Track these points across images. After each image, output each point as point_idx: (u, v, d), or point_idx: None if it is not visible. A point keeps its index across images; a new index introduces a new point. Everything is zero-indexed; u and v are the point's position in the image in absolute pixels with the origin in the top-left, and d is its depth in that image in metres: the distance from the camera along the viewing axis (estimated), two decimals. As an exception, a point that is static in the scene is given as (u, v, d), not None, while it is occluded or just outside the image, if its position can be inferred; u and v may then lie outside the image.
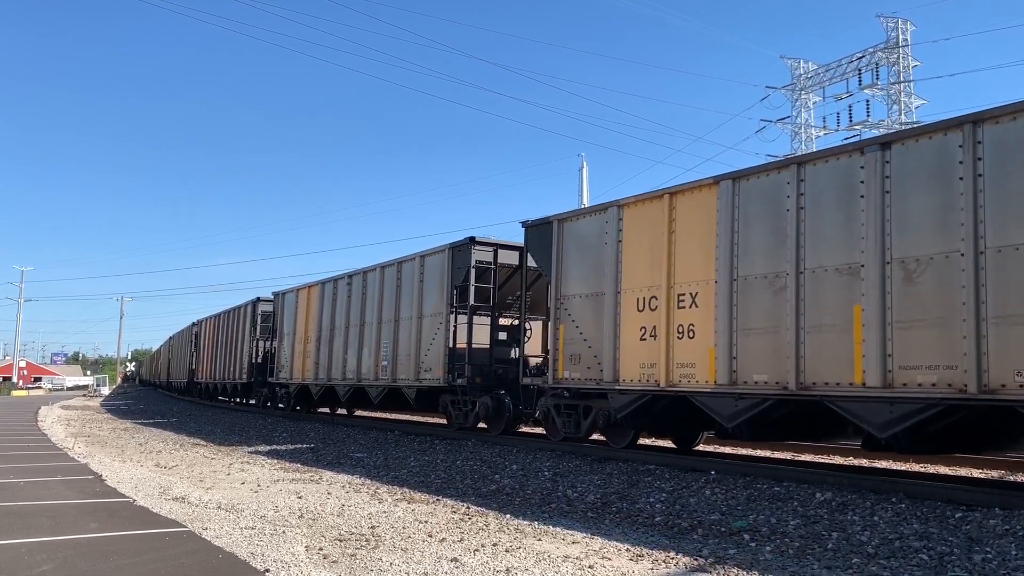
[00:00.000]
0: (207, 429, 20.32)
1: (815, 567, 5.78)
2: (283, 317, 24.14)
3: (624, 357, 11.23)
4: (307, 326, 22.01)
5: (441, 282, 15.78)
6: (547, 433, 13.35)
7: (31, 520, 7.17)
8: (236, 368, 29.65)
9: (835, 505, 7.74)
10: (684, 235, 10.68)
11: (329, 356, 20.30)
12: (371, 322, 18.34)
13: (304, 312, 22.40)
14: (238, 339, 29.68)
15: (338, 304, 20.23)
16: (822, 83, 47.47)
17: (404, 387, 16.84)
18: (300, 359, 22.19)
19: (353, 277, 19.74)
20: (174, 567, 5.50)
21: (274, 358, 25.01)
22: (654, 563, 5.88)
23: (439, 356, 15.55)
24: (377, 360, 17.82)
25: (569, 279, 12.51)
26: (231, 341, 30.69)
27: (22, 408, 33.39)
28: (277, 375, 24.08)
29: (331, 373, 20.11)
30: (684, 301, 10.49)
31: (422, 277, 16.49)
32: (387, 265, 18.16)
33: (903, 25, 43.40)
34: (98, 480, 10.10)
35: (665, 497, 8.63)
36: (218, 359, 33.16)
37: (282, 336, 24.01)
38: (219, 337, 33.39)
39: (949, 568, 5.67)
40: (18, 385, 69.35)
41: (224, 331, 32.37)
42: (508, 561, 5.80)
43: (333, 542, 6.44)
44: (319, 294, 21.50)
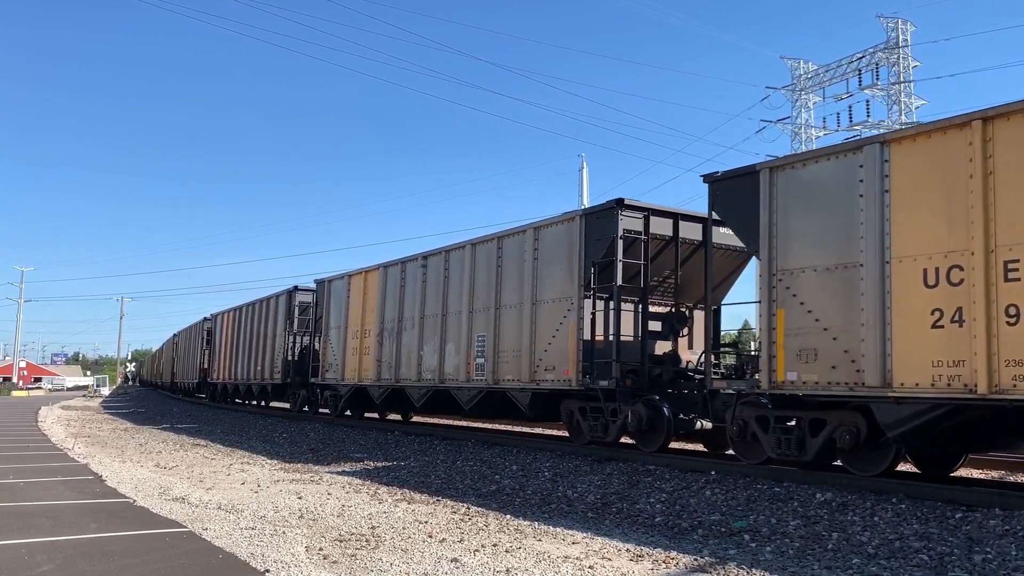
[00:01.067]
0: (207, 429, 20.32)
1: (815, 567, 5.78)
2: (329, 308, 20.73)
3: (902, 352, 8.12)
4: (364, 318, 18.77)
5: (569, 259, 12.47)
6: (737, 454, 10.25)
7: (31, 520, 7.17)
8: (265, 367, 26.09)
9: (835, 505, 7.74)
10: (1014, 176, 7.51)
11: (396, 353, 17.24)
12: (458, 311, 15.20)
13: (359, 301, 19.11)
14: (267, 334, 26.19)
15: (408, 290, 17.14)
16: (822, 83, 47.44)
17: (512, 391, 13.53)
18: (355, 356, 18.99)
19: (429, 258, 16.53)
20: (174, 567, 5.50)
21: (315, 356, 22.02)
22: (654, 563, 5.88)
23: (566, 352, 12.26)
24: (469, 357, 14.69)
25: (792, 247, 9.33)
26: (258, 337, 27.20)
27: (22, 408, 33.38)
28: (322, 375, 20.75)
29: (399, 373, 17.10)
30: (1018, 270, 7.42)
31: (536, 254, 13.21)
32: (480, 242, 14.96)
33: (903, 25, 43.39)
34: (98, 480, 10.10)
35: (665, 497, 8.63)
36: (240, 357, 29.41)
37: (327, 330, 20.64)
38: (241, 332, 29.63)
39: (949, 568, 5.67)
40: (18, 385, 69.34)
41: (248, 326, 28.68)
42: (508, 561, 5.80)
43: (333, 542, 6.44)
44: (380, 280, 18.17)
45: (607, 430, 11.83)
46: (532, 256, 13.36)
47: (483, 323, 14.44)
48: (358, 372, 18.85)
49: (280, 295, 25.69)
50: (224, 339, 32.46)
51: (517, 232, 14.00)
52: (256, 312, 27.87)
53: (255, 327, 27.82)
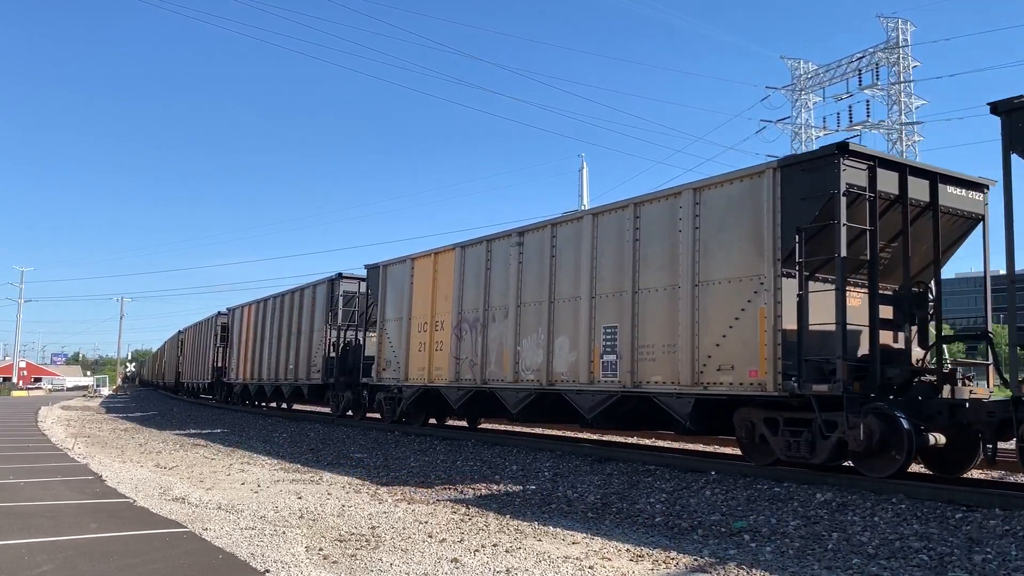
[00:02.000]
0: (207, 429, 20.32)
1: (815, 567, 5.78)
2: (384, 297, 18.14)
3: None
4: (434, 307, 16.21)
5: (754, 226, 9.71)
6: None
7: (31, 520, 7.17)
8: (300, 365, 23.10)
9: (835, 505, 7.74)
10: None
11: (482, 348, 14.55)
12: (572, 297, 12.46)
13: (426, 288, 16.58)
14: (302, 329, 23.28)
15: (496, 274, 14.50)
16: (822, 83, 47.48)
17: (661, 396, 10.73)
18: (422, 353, 16.46)
19: (527, 234, 13.83)
20: (174, 567, 5.50)
21: (357, 352, 20.07)
22: (654, 563, 5.88)
23: (753, 346, 9.49)
24: (592, 354, 11.91)
25: None
26: (290, 332, 24.22)
27: (22, 408, 33.38)
28: (378, 375, 18.08)
29: (487, 372, 14.42)
30: None
31: (698, 223, 10.45)
32: (603, 211, 12.13)
33: (903, 25, 43.41)
34: (98, 480, 10.10)
35: (665, 497, 8.64)
36: (266, 355, 26.31)
37: (383, 322, 18.08)
38: (267, 327, 26.58)
39: (949, 568, 5.67)
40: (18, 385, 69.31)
41: (276, 319, 25.62)
42: (508, 562, 5.80)
43: (333, 542, 6.44)
44: (457, 262, 15.55)
45: (813, 449, 9.10)
46: (691, 225, 10.51)
47: (612, 311, 11.63)
48: (427, 371, 16.10)
49: (318, 284, 22.56)
50: (245, 335, 28.91)
51: (664, 196, 11.10)
52: (287, 304, 24.72)
53: (285, 321, 24.59)
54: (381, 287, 18.29)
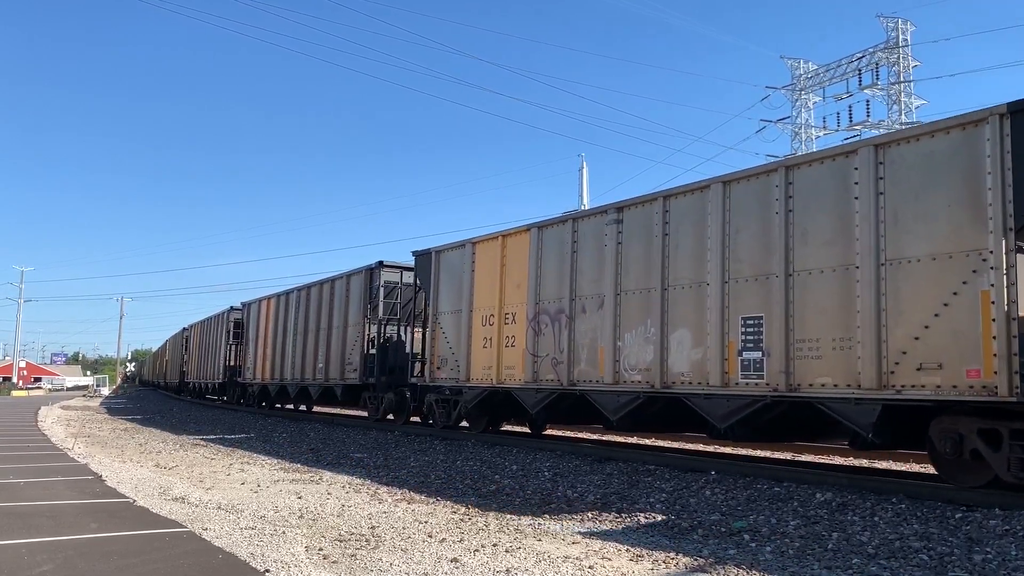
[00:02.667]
0: (207, 429, 20.32)
1: (815, 567, 5.78)
2: (438, 287, 15.98)
3: None
4: (502, 297, 14.20)
5: (970, 189, 7.88)
6: None
7: (31, 520, 7.16)
8: (331, 364, 20.61)
9: (835, 505, 7.74)
10: None
11: (569, 343, 12.40)
12: (695, 283, 10.47)
13: (492, 275, 14.47)
14: (334, 323, 20.84)
15: (586, 257, 12.38)
16: (822, 83, 47.53)
17: (831, 402, 8.81)
18: (488, 350, 14.29)
19: (627, 210, 11.74)
20: (174, 567, 5.50)
21: (398, 349, 18.48)
22: (654, 563, 5.88)
23: (973, 338, 7.66)
24: (726, 350, 9.92)
25: None
26: (320, 327, 21.65)
27: (22, 408, 33.38)
28: (430, 374, 16.06)
29: (575, 372, 12.30)
30: None
31: (882, 187, 8.59)
32: (738, 178, 10.18)
33: (903, 25, 43.45)
34: (98, 480, 10.10)
35: (665, 497, 8.64)
36: (289, 352, 23.86)
37: (437, 315, 15.86)
38: (290, 323, 23.83)
39: (949, 568, 5.67)
40: (18, 385, 69.38)
41: (303, 313, 22.95)
42: (508, 561, 5.80)
43: (333, 542, 6.44)
44: (534, 245, 13.43)
45: None
46: (872, 190, 8.60)
47: (754, 298, 9.75)
48: (495, 370, 14.02)
49: (353, 275, 20.22)
50: (263, 331, 26.41)
51: (828, 156, 9.31)
52: (314, 297, 22.35)
53: (313, 316, 22.23)
54: (433, 276, 16.04)
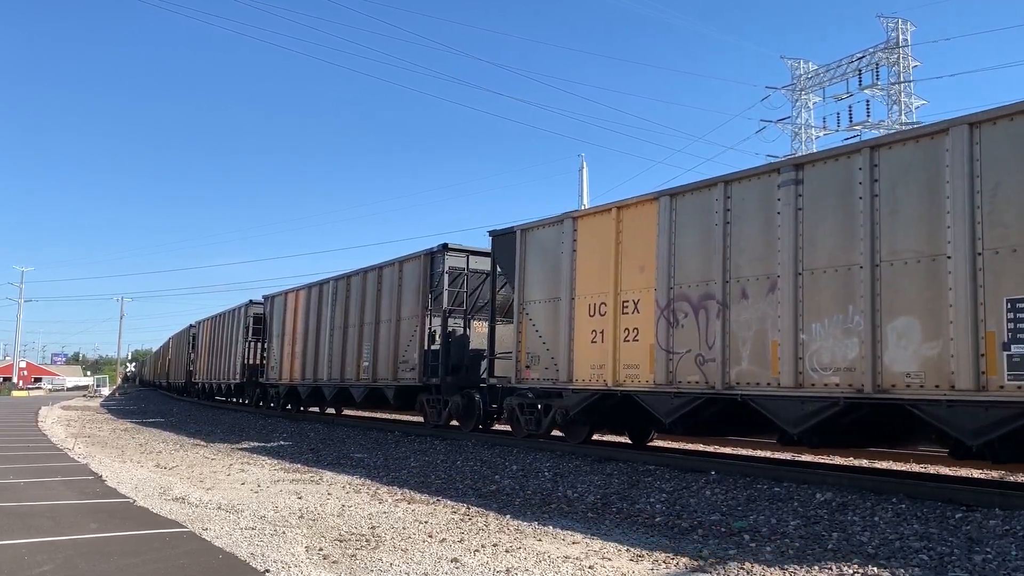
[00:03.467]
0: (207, 430, 20.32)
1: (815, 567, 5.77)
2: (523, 271, 13.67)
3: None
4: (619, 281, 11.77)
5: None
6: None
7: (31, 520, 7.17)
8: (382, 361, 17.98)
9: (835, 505, 7.74)
10: None
11: (722, 338, 10.15)
12: (926, 256, 8.21)
13: (604, 255, 12.02)
14: (382, 316, 18.39)
15: (744, 229, 10.10)
16: (822, 83, 47.50)
17: None
18: (600, 344, 11.93)
19: (808, 167, 9.46)
20: (174, 567, 5.50)
21: (461, 344, 16.19)
22: (654, 563, 5.88)
23: None
24: (985, 344, 7.70)
25: None
26: (364, 320, 19.18)
27: (22, 408, 33.39)
28: (518, 375, 13.45)
29: (732, 374, 10.02)
30: None
31: None
32: (990, 118, 7.83)
33: (903, 25, 43.43)
34: (98, 480, 10.10)
35: (665, 497, 8.64)
36: (324, 349, 21.14)
37: (524, 304, 13.54)
38: (326, 316, 21.28)
39: (949, 568, 5.67)
40: (18, 385, 69.38)
41: (343, 305, 20.38)
42: (508, 561, 5.80)
43: (333, 542, 6.44)
44: (664, 217, 11.12)
45: None
46: None
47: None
48: (610, 369, 11.46)
49: (407, 260, 17.58)
50: (291, 327, 23.81)
51: None
52: (357, 288, 19.77)
53: (356, 308, 19.69)
54: (519, 259, 13.62)
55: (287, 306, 24.39)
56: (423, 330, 16.46)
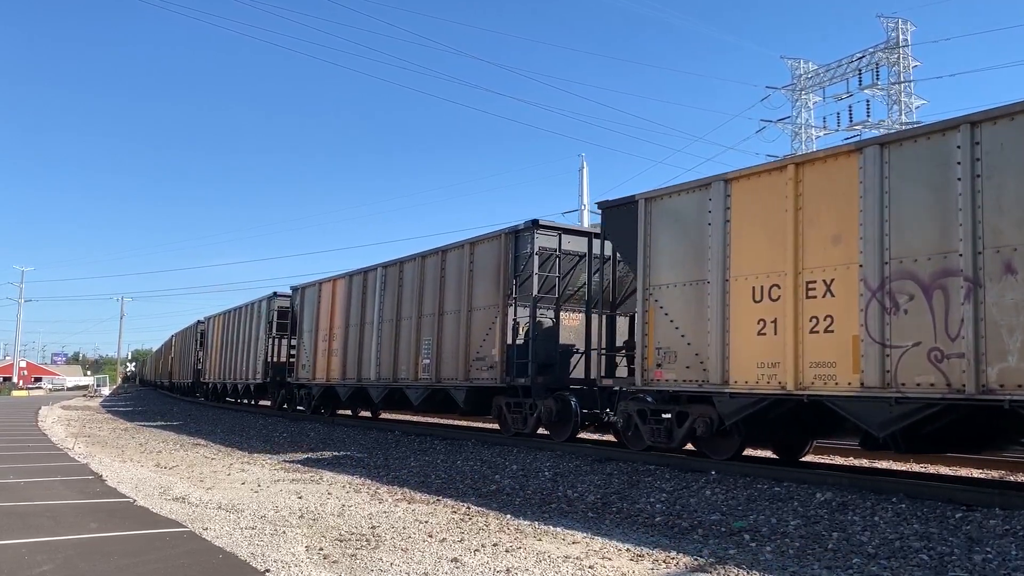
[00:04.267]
0: (207, 429, 20.32)
1: (815, 567, 5.78)
2: (651, 247, 11.25)
3: None
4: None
5: None
6: None
7: (31, 520, 7.17)
8: (448, 359, 15.77)
9: (835, 505, 7.74)
10: None
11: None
12: None
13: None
14: (446, 307, 15.97)
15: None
16: (822, 83, 47.53)
17: None
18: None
19: None
20: (174, 567, 5.50)
21: (548, 337, 13.97)
22: (654, 563, 5.88)
23: None
24: None
25: None
26: (421, 313, 16.77)
27: (22, 408, 33.39)
28: (655, 365, 11.01)
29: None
30: None
31: None
32: None
33: (903, 25, 43.44)
34: (98, 480, 10.10)
35: (665, 497, 8.64)
36: (369, 345, 18.73)
37: (658, 289, 11.08)
38: (370, 308, 18.96)
39: (949, 568, 5.67)
40: (18, 385, 69.45)
41: (392, 296, 17.98)
42: (508, 561, 5.80)
43: (333, 542, 6.44)
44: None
45: None
46: None
47: None
48: (789, 368, 9.18)
49: (481, 241, 15.14)
50: (327, 320, 21.19)
51: None
52: (412, 275, 17.24)
53: (409, 298, 17.24)
54: (644, 234, 11.21)
55: (321, 298, 21.79)
56: (504, 322, 14.05)
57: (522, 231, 14.12)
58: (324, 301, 21.61)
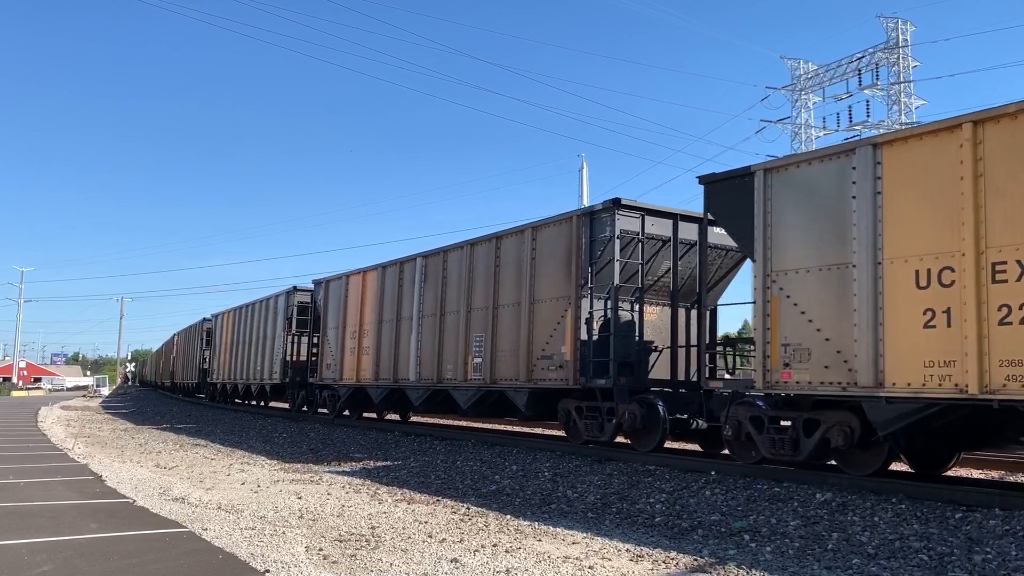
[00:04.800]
0: (207, 430, 20.32)
1: (815, 567, 5.78)
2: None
3: None
4: None
5: None
6: None
7: (31, 520, 7.17)
8: (506, 357, 13.89)
9: (835, 505, 7.74)
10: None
11: None
12: None
13: None
14: (502, 299, 14.24)
15: None
16: (822, 83, 47.53)
17: None
18: None
19: None
20: (174, 568, 5.50)
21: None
22: (654, 563, 5.88)
23: None
24: None
25: None
26: (472, 306, 14.99)
27: (22, 408, 33.39)
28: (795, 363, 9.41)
29: None
30: None
31: None
32: None
33: (903, 25, 43.45)
34: (98, 481, 10.10)
35: (665, 498, 8.64)
36: (408, 343, 16.95)
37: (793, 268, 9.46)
38: (408, 301, 17.22)
39: (949, 568, 5.67)
40: (18, 385, 69.43)
41: (435, 287, 16.23)
42: (508, 562, 5.80)
43: (333, 542, 6.44)
44: None
45: None
46: None
47: None
48: (973, 365, 7.63)
49: (546, 226, 13.35)
50: (355, 316, 19.31)
51: None
52: (458, 265, 15.53)
53: (459, 290, 15.41)
54: (762, 211, 9.70)
55: (348, 292, 19.91)
56: (577, 316, 12.32)
57: (600, 212, 12.26)
58: (352, 295, 19.73)
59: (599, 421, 12.12)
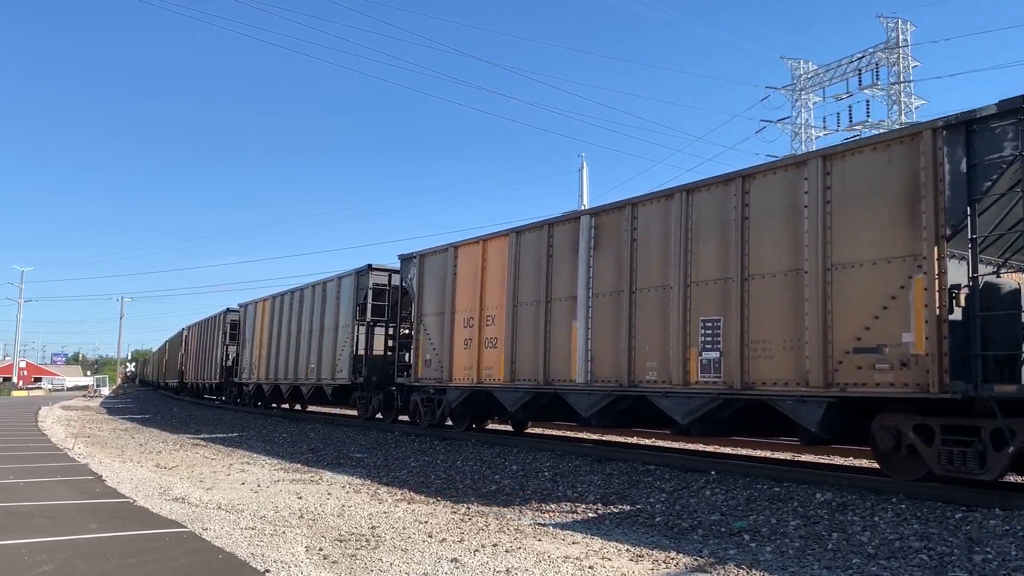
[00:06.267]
0: (207, 429, 20.31)
1: (815, 567, 5.78)
2: None
3: None
4: None
5: None
6: None
7: (31, 520, 7.17)
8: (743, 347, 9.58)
9: (835, 505, 7.74)
10: None
11: None
12: None
13: None
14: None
15: None
16: (822, 83, 47.50)
17: None
18: None
19: None
20: (174, 567, 5.50)
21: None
22: (654, 563, 5.88)
23: None
24: None
25: None
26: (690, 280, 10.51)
27: (22, 408, 33.39)
28: None
29: None
30: None
31: None
32: None
33: (903, 25, 43.42)
34: (98, 480, 10.10)
35: (665, 497, 8.64)
36: (546, 330, 12.89)
37: None
38: (531, 284, 13.43)
39: (949, 568, 5.67)
40: (18, 385, 69.41)
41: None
42: (508, 561, 5.80)
43: (333, 542, 6.44)
44: None
45: None
46: None
47: None
48: None
49: (849, 152, 8.88)
50: (467, 300, 15.14)
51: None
52: (656, 219, 11.29)
53: (663, 260, 11.06)
54: None
55: (458, 267, 15.69)
56: (937, 286, 8.01)
57: (990, 119, 7.72)
58: (465, 272, 15.39)
59: (976, 449, 7.65)
